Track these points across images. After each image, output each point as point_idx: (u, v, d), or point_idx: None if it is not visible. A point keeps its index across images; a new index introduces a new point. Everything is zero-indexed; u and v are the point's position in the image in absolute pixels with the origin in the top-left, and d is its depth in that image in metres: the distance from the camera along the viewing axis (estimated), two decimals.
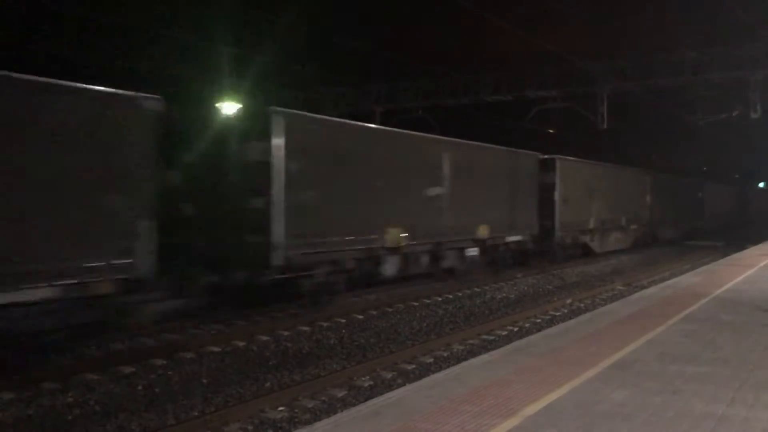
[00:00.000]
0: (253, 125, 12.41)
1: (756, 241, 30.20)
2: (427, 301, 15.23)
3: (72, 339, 9.44)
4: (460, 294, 16.38)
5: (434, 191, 16.49)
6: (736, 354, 7.66)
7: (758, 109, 20.44)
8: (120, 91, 9.22)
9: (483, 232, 18.46)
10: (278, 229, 12.03)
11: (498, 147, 19.97)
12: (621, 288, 17.96)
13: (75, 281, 8.56)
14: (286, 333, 11.56)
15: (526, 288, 18.05)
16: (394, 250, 15.07)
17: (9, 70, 8.13)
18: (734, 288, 13.34)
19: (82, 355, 9.82)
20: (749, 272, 16.13)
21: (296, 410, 7.75)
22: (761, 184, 64.20)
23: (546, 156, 22.73)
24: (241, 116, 12.36)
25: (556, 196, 22.74)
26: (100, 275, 8.84)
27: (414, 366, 9.75)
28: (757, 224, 51.28)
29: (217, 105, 13.50)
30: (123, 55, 17.46)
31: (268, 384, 8.81)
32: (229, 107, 14.98)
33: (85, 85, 8.88)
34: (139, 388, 8.53)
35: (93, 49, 16.98)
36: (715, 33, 19.35)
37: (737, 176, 58.97)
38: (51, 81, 8.49)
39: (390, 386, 8.53)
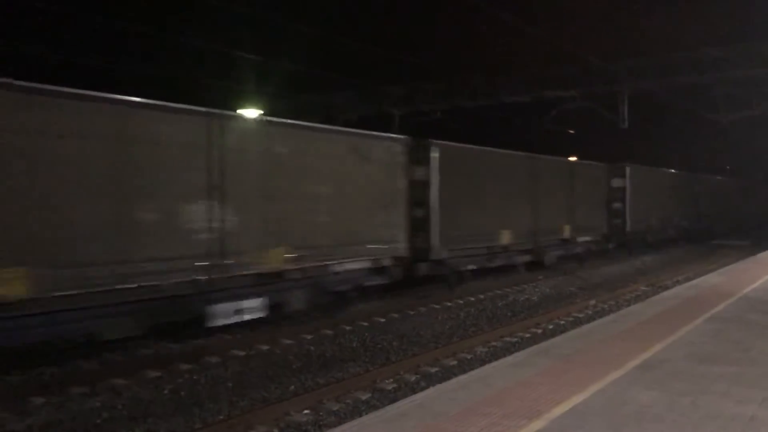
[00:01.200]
0: (417, 154, 15.62)
1: None
2: (449, 304, 15.20)
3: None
4: (482, 296, 16.32)
5: (532, 201, 19.99)
6: (764, 354, 7.56)
7: None
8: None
9: (565, 232, 21.69)
10: (435, 232, 15.81)
11: (583, 161, 24.22)
12: (645, 289, 17.79)
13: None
14: (309, 337, 11.60)
15: (548, 290, 17.95)
16: (505, 247, 18.50)
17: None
18: (761, 287, 13.17)
19: (108, 360, 9.94)
20: None
21: (321, 413, 7.78)
22: None
23: (617, 164, 26.22)
24: (408, 146, 15.24)
25: (627, 198, 26.10)
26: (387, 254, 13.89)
27: (437, 369, 9.74)
28: None
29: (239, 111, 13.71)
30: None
31: (292, 387, 8.85)
32: (250, 113, 15.11)
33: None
34: (166, 392, 8.61)
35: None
36: (736, 30, 19.14)
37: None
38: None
39: (413, 389, 8.53)
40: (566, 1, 17.43)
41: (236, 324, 11.61)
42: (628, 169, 26.37)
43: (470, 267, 17.22)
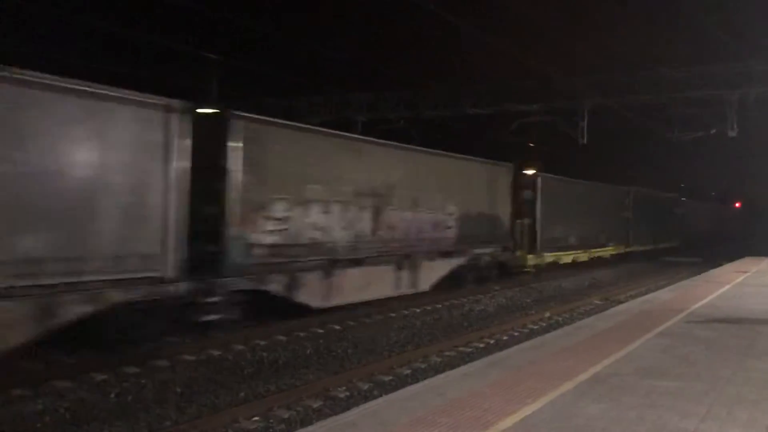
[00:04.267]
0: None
1: (731, 258, 30.59)
2: (406, 312, 15.19)
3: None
4: (439, 306, 16.36)
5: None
6: (709, 369, 7.72)
7: (735, 128, 20.75)
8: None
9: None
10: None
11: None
12: (598, 302, 18.05)
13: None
14: (262, 342, 11.45)
15: (504, 301, 18.09)
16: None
17: None
18: (709, 304, 13.48)
19: (52, 361, 9.65)
20: (724, 288, 16.31)
21: (271, 420, 7.67)
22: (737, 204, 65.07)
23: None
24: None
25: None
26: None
27: (391, 377, 9.70)
28: (733, 242, 51.98)
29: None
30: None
31: (242, 394, 8.72)
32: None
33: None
34: (112, 396, 8.40)
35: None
36: (696, 52, 19.65)
37: (713, 194, 59.81)
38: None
39: (366, 397, 8.48)
40: (530, 16, 17.67)
41: (188, 329, 11.42)
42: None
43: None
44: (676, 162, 40.76)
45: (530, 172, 23.38)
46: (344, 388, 9.03)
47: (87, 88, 9.13)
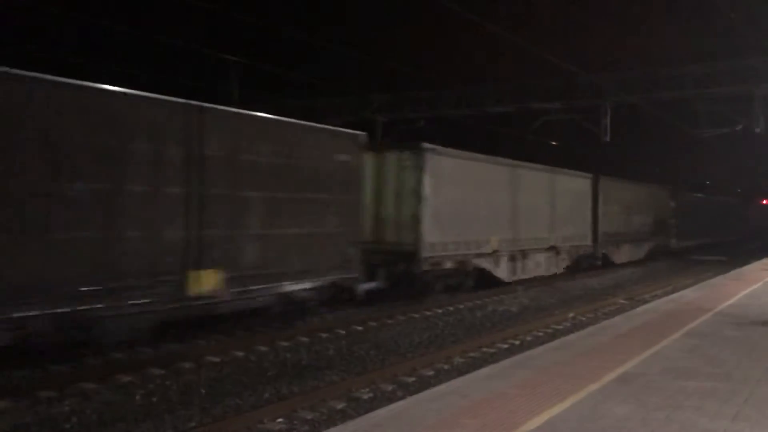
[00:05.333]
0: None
1: (759, 256, 30.11)
2: (428, 313, 15.14)
3: None
4: (461, 306, 16.29)
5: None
6: (739, 369, 7.58)
7: (761, 124, 20.41)
8: None
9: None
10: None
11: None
12: (623, 302, 17.84)
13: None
14: (285, 344, 11.47)
15: (527, 301, 17.96)
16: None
17: None
18: (737, 303, 13.25)
19: (79, 363, 9.75)
20: (753, 287, 16.04)
21: (295, 422, 7.67)
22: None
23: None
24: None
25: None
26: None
27: (414, 378, 9.66)
28: (760, 239, 51.17)
29: None
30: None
31: (266, 395, 8.73)
32: None
33: None
34: (137, 397, 8.46)
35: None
36: (720, 47, 19.35)
37: (739, 191, 58.91)
38: None
39: (390, 399, 8.44)
40: (552, 14, 17.52)
41: (211, 329, 11.53)
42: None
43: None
44: (700, 158, 40.22)
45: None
46: (367, 389, 9.00)
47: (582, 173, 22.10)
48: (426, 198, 15.76)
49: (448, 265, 16.79)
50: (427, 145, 16.01)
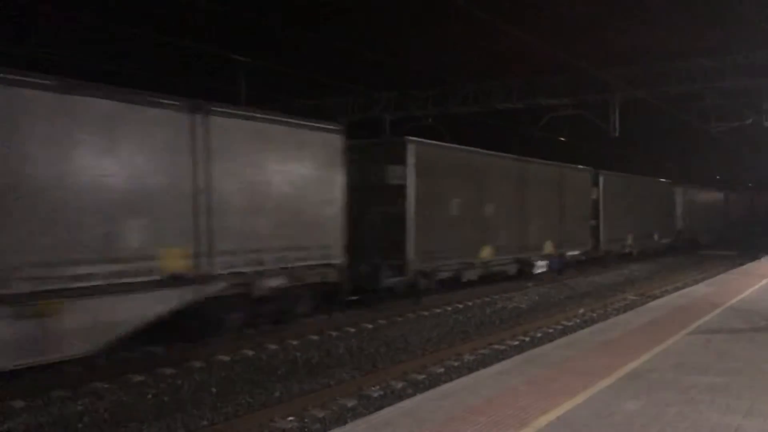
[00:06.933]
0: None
1: None
2: (437, 311, 15.15)
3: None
4: (470, 303, 16.28)
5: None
6: (751, 364, 7.55)
7: None
8: None
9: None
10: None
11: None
12: (633, 298, 17.79)
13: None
14: (295, 342, 11.51)
15: (537, 298, 17.93)
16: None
17: None
18: (748, 298, 13.19)
19: (91, 363, 9.81)
20: (764, 282, 15.96)
21: (306, 420, 7.69)
22: None
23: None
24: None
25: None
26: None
27: (424, 376, 9.67)
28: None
29: None
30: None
31: (277, 393, 8.76)
32: None
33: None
34: (149, 396, 8.51)
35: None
36: (728, 40, 19.18)
37: (750, 184, 58.51)
38: None
39: (401, 396, 8.44)
40: (559, 9, 17.39)
41: (221, 329, 11.57)
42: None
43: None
44: (711, 152, 40.02)
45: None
46: (378, 387, 9.01)
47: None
48: None
49: None
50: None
